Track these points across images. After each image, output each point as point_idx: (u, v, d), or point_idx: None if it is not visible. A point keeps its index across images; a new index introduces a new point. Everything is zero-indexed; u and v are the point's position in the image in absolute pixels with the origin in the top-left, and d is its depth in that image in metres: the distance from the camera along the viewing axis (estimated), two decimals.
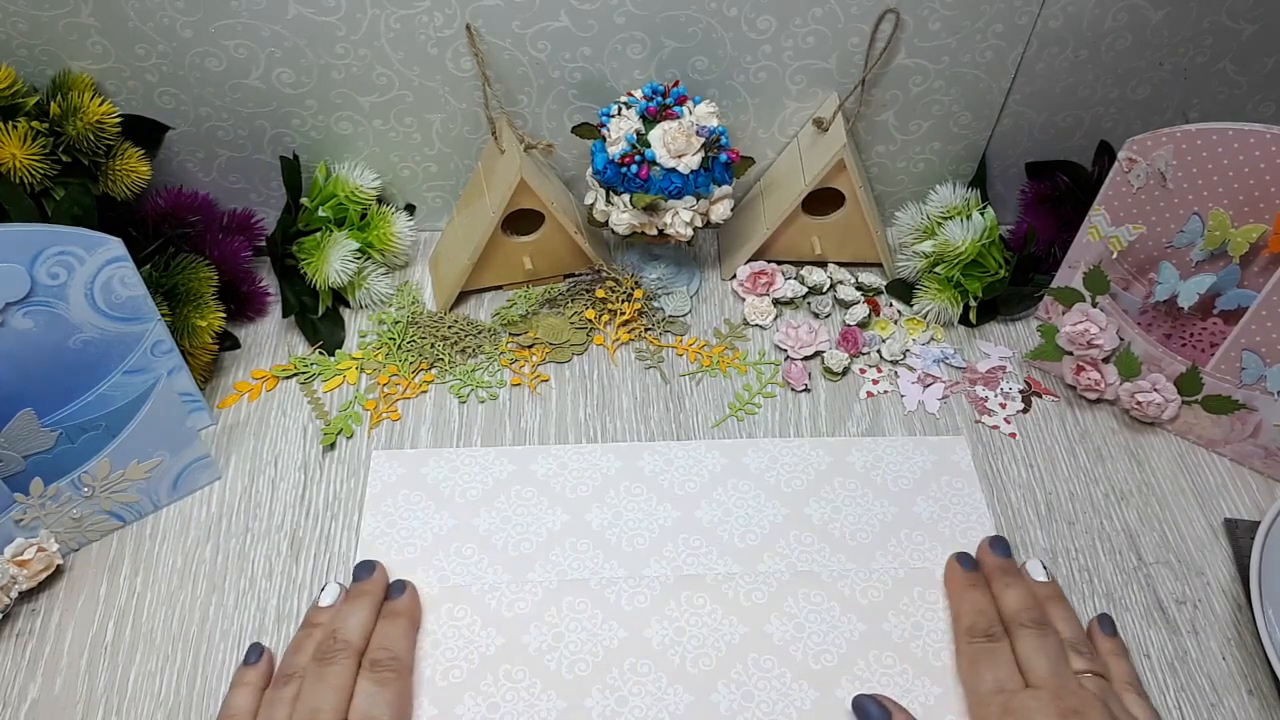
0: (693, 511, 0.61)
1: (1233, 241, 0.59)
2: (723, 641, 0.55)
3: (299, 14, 0.64)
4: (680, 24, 0.66)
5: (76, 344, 0.57)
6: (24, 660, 0.55)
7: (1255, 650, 0.57)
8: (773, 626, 0.56)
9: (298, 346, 0.72)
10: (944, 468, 0.64)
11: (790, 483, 0.63)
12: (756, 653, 0.55)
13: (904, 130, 0.75)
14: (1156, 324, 0.66)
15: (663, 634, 0.55)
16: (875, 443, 0.65)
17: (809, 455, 0.64)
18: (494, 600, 0.56)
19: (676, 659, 0.54)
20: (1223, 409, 0.64)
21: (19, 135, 0.60)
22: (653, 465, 0.64)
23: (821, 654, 0.55)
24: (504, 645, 0.55)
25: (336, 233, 0.72)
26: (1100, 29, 0.67)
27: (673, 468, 0.63)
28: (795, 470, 0.63)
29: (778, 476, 0.63)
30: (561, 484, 0.63)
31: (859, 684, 0.53)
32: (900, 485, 0.63)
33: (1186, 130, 0.58)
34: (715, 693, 0.53)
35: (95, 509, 0.58)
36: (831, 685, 0.54)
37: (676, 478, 0.63)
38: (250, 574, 0.59)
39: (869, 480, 0.63)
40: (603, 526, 0.60)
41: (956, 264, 0.72)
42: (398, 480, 0.63)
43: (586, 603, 0.56)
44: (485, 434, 0.67)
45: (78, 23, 0.63)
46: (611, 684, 0.53)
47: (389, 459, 0.64)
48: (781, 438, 0.66)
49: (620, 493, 0.62)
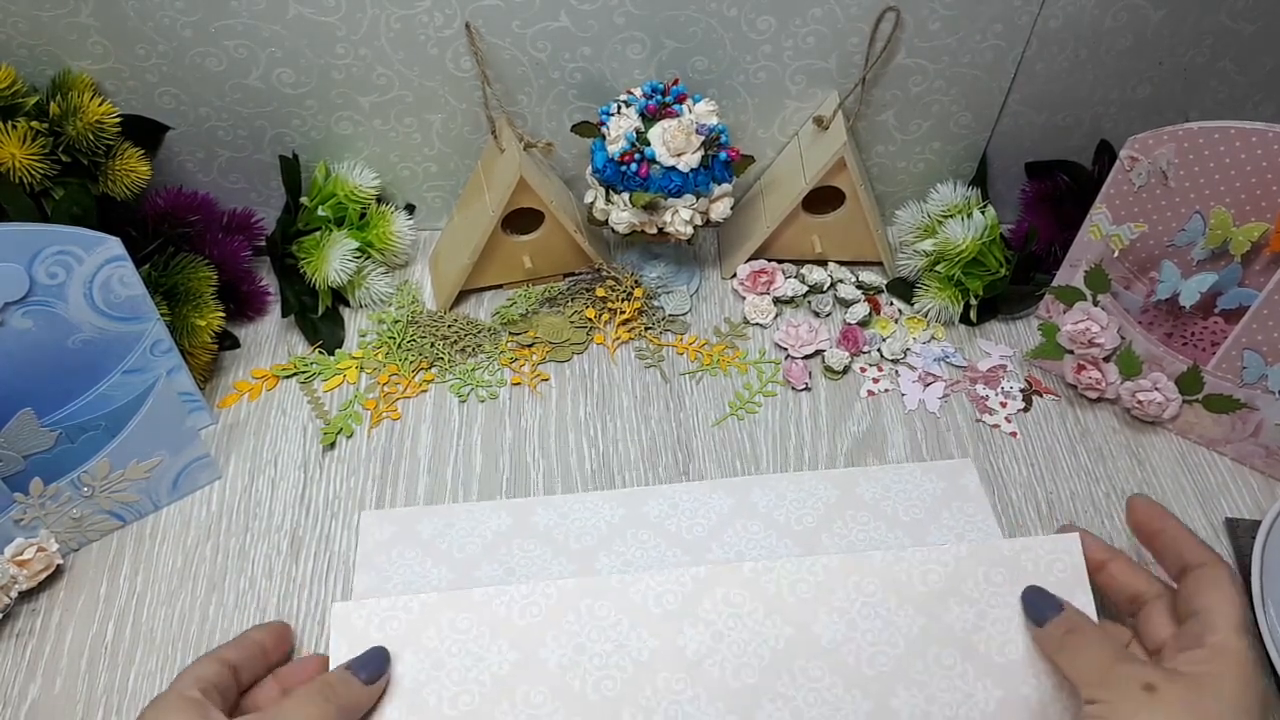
0: (704, 556, 0.58)
1: (1234, 240, 0.59)
2: (767, 648, 0.50)
3: (299, 14, 0.64)
4: (680, 24, 0.66)
5: (76, 344, 0.57)
6: (24, 660, 0.55)
7: None
8: (822, 626, 0.50)
9: (297, 346, 0.72)
10: (954, 493, 0.61)
11: (800, 519, 0.60)
12: (804, 660, 0.49)
13: (904, 130, 0.75)
14: (1158, 323, 0.66)
15: (699, 639, 0.50)
16: (882, 472, 0.62)
17: (816, 490, 0.61)
18: (503, 607, 0.50)
19: (715, 671, 0.49)
20: (1224, 408, 0.64)
21: (19, 135, 0.60)
22: (658, 510, 0.60)
23: (876, 656, 0.50)
24: (519, 661, 0.49)
25: (336, 232, 0.72)
26: (1100, 28, 0.67)
27: (679, 512, 0.60)
28: (804, 506, 0.60)
29: (787, 514, 0.60)
30: (565, 534, 0.59)
31: (916, 689, 0.49)
32: (912, 515, 0.60)
33: (1188, 129, 0.58)
34: (761, 711, 0.48)
35: (95, 509, 0.58)
36: (887, 694, 0.49)
37: (684, 522, 0.60)
38: (250, 574, 0.59)
39: (879, 512, 0.60)
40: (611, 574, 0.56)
41: (957, 263, 0.72)
42: (389, 539, 0.59)
43: (609, 606, 0.50)
44: (485, 433, 0.67)
45: (78, 23, 0.63)
46: (645, 704, 0.48)
47: (379, 520, 0.60)
48: (785, 472, 0.64)
49: (627, 541, 0.59)
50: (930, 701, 0.49)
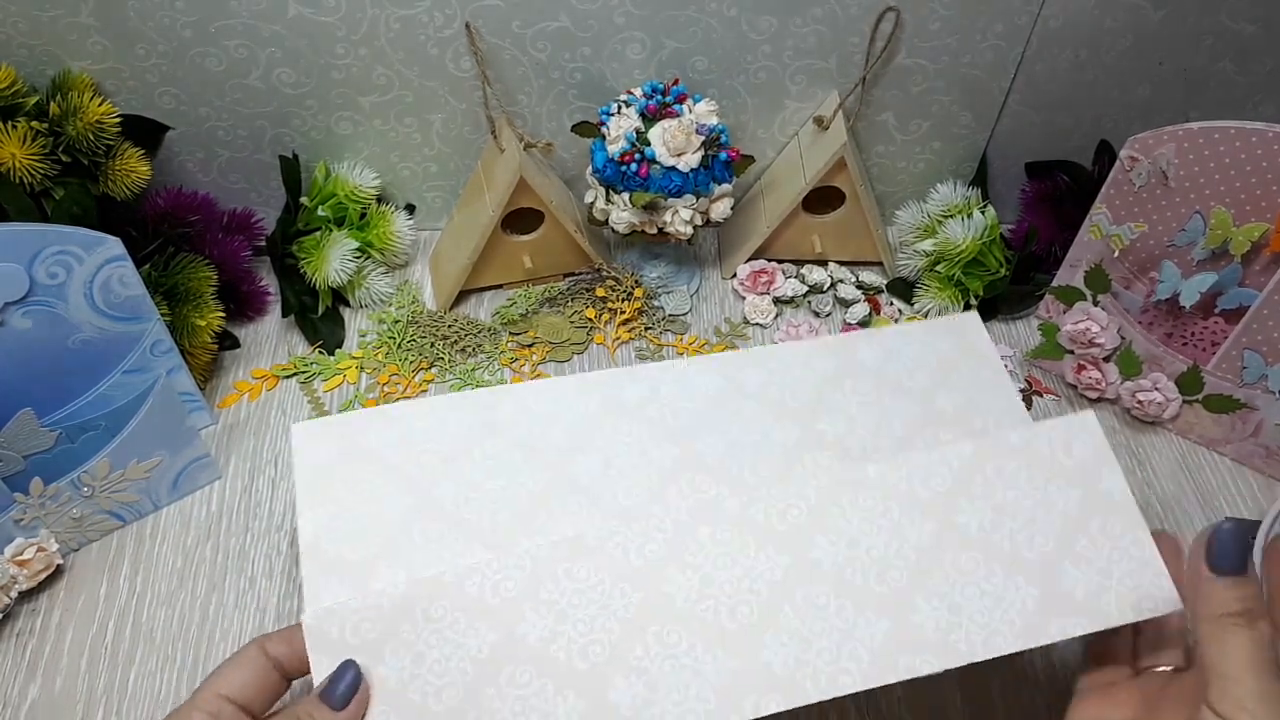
0: (693, 448, 0.51)
1: (1234, 240, 0.59)
2: (762, 582, 0.45)
3: (299, 14, 0.64)
4: (680, 24, 0.66)
5: (76, 344, 0.57)
6: (24, 660, 0.55)
7: None
8: (820, 550, 0.45)
9: (297, 346, 0.72)
10: (963, 352, 0.54)
11: (796, 395, 0.53)
12: (806, 586, 0.44)
13: (904, 130, 0.75)
14: (1158, 323, 0.66)
15: (687, 585, 0.44)
16: (882, 334, 0.55)
17: (811, 361, 0.54)
18: (474, 586, 0.45)
19: (709, 615, 0.44)
20: (1224, 408, 0.64)
21: (19, 135, 0.60)
22: (637, 396, 0.53)
23: (887, 572, 0.44)
24: (498, 642, 0.44)
25: (336, 232, 0.72)
26: (1100, 29, 0.67)
27: (660, 397, 0.53)
28: (800, 380, 0.53)
29: (780, 391, 0.53)
30: (534, 432, 0.51)
31: (939, 600, 0.44)
32: (918, 381, 0.53)
33: (1189, 129, 0.58)
34: (765, 650, 0.43)
35: (95, 509, 0.58)
36: (906, 610, 0.44)
37: (667, 408, 0.52)
38: (250, 574, 0.59)
39: (882, 379, 0.53)
40: (592, 479, 0.50)
41: (957, 262, 0.72)
42: (332, 458, 0.49)
43: (587, 566, 0.45)
44: None
45: (78, 23, 0.63)
46: (637, 664, 0.43)
47: (315, 432, 0.50)
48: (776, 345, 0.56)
49: (606, 434, 0.51)
50: (956, 612, 0.44)
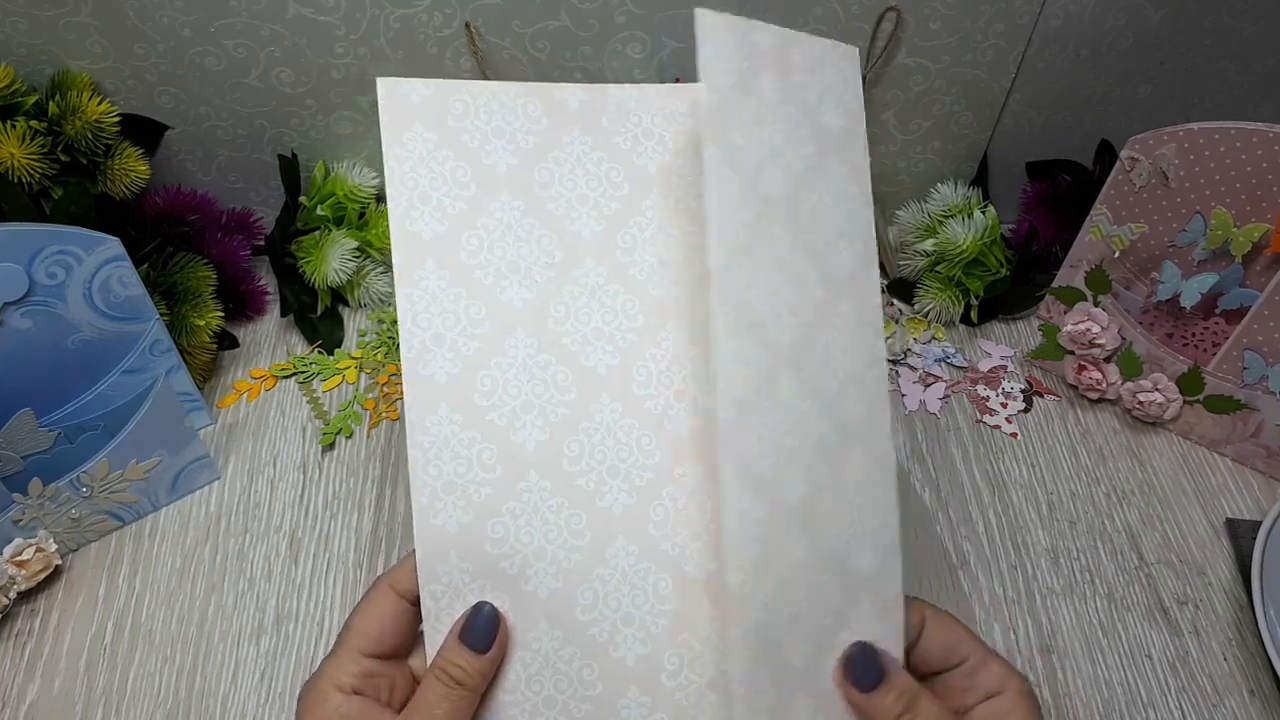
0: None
1: (1235, 241, 0.59)
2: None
3: (298, 14, 0.63)
4: (680, 24, 0.66)
5: (75, 344, 0.57)
6: (23, 660, 0.55)
7: (1257, 650, 0.56)
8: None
9: (297, 346, 0.72)
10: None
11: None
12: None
13: (905, 130, 0.74)
14: (1158, 323, 0.66)
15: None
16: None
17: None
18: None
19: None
20: (1224, 409, 0.64)
21: (17, 134, 0.59)
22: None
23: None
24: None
25: (335, 231, 0.72)
26: (1101, 28, 0.67)
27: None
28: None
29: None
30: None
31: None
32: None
33: (1189, 129, 0.58)
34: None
35: (94, 509, 0.58)
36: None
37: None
38: (249, 574, 0.59)
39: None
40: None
41: (958, 263, 0.72)
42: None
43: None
44: None
45: (77, 22, 0.63)
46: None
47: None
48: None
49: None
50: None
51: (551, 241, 0.41)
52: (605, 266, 0.41)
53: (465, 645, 0.38)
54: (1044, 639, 0.57)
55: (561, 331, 0.40)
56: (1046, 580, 0.60)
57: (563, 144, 0.41)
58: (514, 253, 0.40)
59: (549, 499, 0.40)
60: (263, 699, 0.54)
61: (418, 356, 0.40)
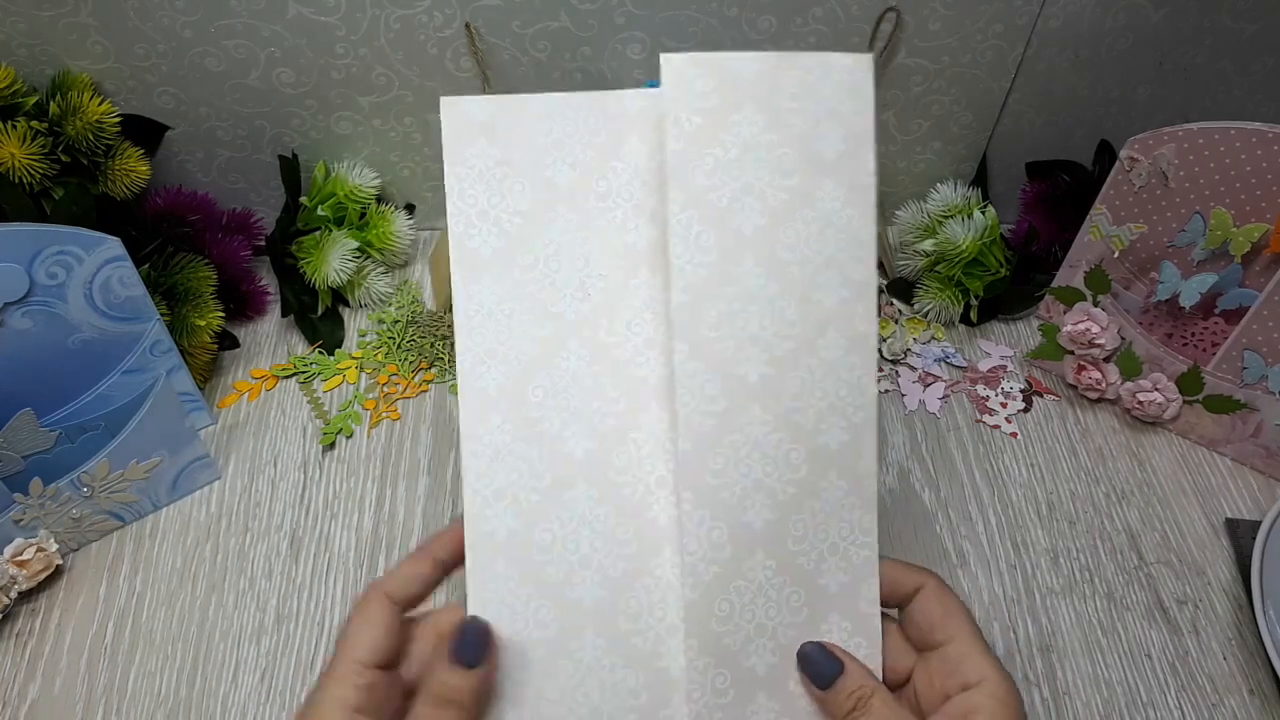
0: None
1: (1234, 241, 0.59)
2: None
3: (299, 14, 0.63)
4: (680, 24, 0.66)
5: (75, 344, 0.57)
6: (24, 660, 0.55)
7: (1256, 650, 0.56)
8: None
9: (297, 346, 0.72)
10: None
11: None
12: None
13: (904, 130, 0.74)
14: (1158, 323, 0.66)
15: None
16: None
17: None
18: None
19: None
20: (1224, 409, 0.64)
21: (18, 135, 0.60)
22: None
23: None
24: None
25: (336, 232, 0.72)
26: (1100, 29, 0.67)
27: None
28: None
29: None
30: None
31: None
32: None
33: (1188, 129, 0.58)
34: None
35: (95, 509, 0.58)
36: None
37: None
38: (250, 574, 0.59)
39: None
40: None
41: (957, 263, 0.72)
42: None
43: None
44: None
45: (77, 22, 0.63)
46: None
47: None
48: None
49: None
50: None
51: (607, 255, 0.41)
52: (659, 278, 0.41)
53: (458, 663, 0.38)
54: (1043, 638, 0.57)
55: (613, 343, 0.41)
56: (1046, 580, 0.60)
57: (621, 154, 0.41)
58: (569, 267, 0.40)
59: (595, 508, 0.40)
60: (263, 699, 0.54)
61: (471, 369, 0.40)
